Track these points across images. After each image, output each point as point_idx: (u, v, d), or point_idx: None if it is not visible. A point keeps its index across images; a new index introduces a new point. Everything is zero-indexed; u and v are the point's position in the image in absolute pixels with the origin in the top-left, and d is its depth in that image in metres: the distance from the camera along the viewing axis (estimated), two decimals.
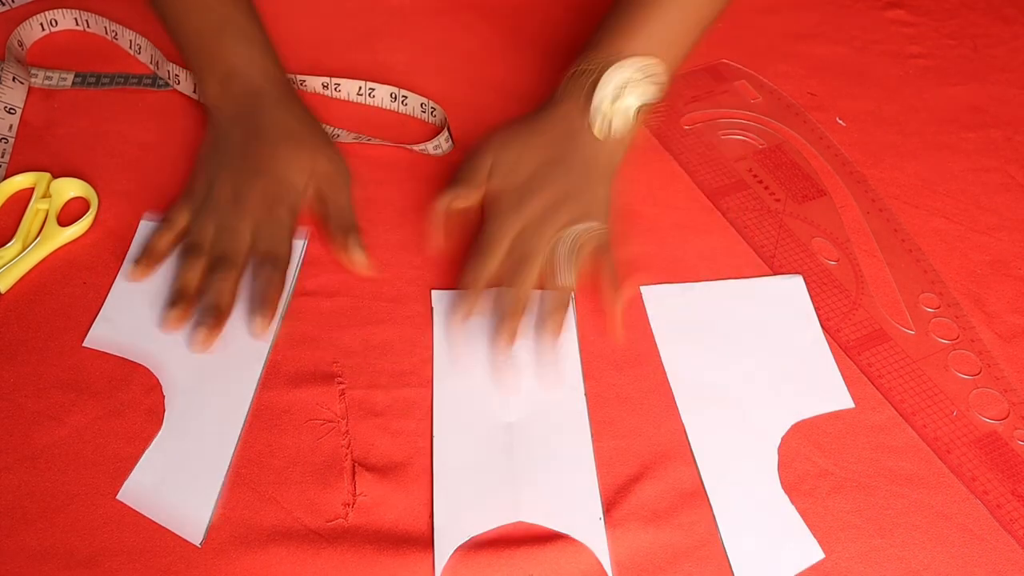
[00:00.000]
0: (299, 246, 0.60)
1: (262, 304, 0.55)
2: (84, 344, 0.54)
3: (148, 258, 0.57)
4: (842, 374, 0.57)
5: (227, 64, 0.61)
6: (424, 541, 0.48)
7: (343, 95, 0.70)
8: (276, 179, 0.58)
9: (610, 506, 0.50)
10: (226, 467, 0.50)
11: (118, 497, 0.49)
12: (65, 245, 0.60)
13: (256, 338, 0.55)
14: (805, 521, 0.50)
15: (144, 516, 0.48)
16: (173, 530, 0.48)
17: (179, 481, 0.49)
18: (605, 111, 0.58)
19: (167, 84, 0.70)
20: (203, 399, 0.53)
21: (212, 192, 0.58)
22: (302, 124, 0.61)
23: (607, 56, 0.59)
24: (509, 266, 0.55)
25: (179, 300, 0.54)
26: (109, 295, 0.57)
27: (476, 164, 0.60)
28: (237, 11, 0.63)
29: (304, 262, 0.60)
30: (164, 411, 0.52)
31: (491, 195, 0.59)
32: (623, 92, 0.58)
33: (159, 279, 0.57)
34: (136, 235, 0.60)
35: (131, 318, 0.55)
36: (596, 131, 0.59)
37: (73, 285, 0.58)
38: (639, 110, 0.59)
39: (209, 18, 0.62)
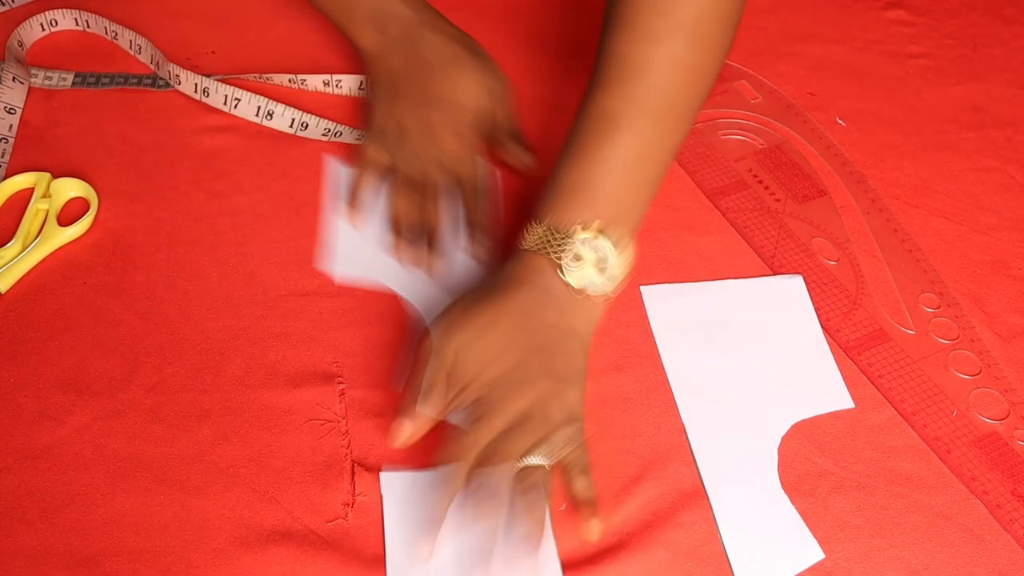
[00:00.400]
0: (490, 171, 0.65)
1: (477, 230, 0.61)
2: (336, 282, 0.59)
3: (362, 200, 0.62)
4: (842, 374, 0.57)
5: (376, 7, 0.65)
6: None
7: (344, 91, 0.71)
8: (457, 105, 0.62)
9: (611, 506, 0.50)
10: None
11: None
12: (65, 245, 0.60)
13: (477, 260, 0.60)
14: (805, 521, 0.50)
15: (144, 516, 0.48)
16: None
17: None
18: (585, 271, 0.52)
19: (167, 84, 0.70)
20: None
21: (401, 126, 0.63)
22: (462, 46, 0.65)
23: (566, 224, 0.52)
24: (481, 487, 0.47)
25: (399, 229, 0.61)
26: (335, 237, 0.61)
27: (435, 374, 0.50)
28: None
29: (303, 262, 0.60)
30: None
31: (459, 372, 0.50)
32: (599, 259, 0.52)
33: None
34: (331, 178, 0.64)
35: (366, 251, 0.61)
36: (575, 282, 0.52)
37: (73, 285, 0.58)
38: (617, 275, 0.53)
39: None
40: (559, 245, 0.52)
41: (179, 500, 0.49)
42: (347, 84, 0.70)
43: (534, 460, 0.47)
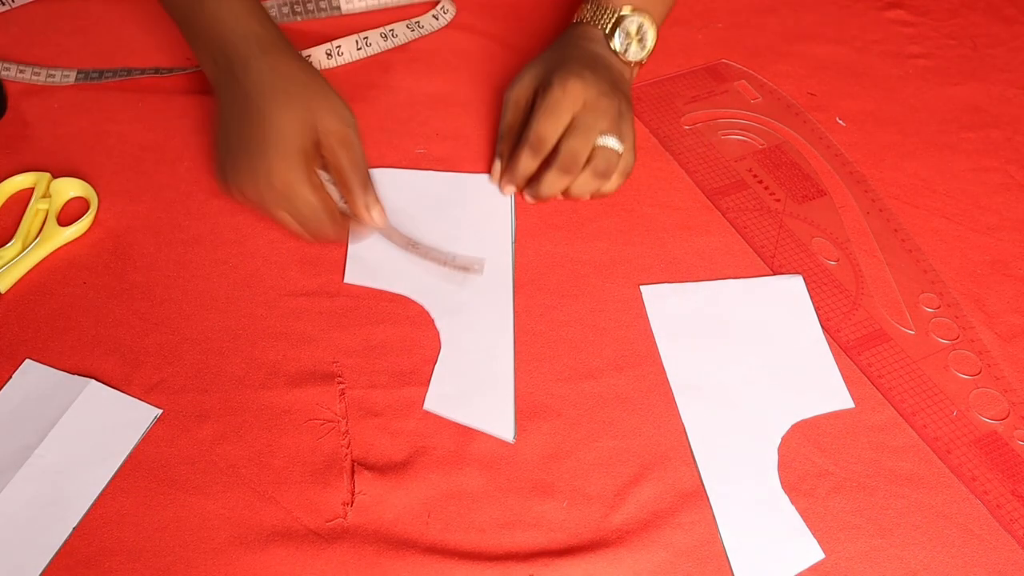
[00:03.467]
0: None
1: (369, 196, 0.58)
2: (345, 281, 0.59)
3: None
4: (842, 374, 0.57)
5: (210, 33, 0.58)
6: (423, 541, 0.48)
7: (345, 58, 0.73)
8: (279, 144, 0.54)
9: (610, 506, 0.50)
10: (512, 368, 0.55)
11: (425, 407, 0.53)
12: (65, 245, 0.60)
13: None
14: (805, 521, 0.50)
15: (144, 516, 0.48)
16: (483, 430, 0.53)
17: (474, 385, 0.55)
18: (623, 42, 0.64)
19: (171, 71, 0.70)
20: (467, 315, 0.58)
21: (230, 184, 0.57)
22: (296, 81, 0.56)
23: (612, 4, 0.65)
24: (561, 156, 0.60)
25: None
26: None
27: (520, 80, 0.64)
28: None
29: (303, 262, 0.60)
30: (438, 331, 0.57)
31: (543, 79, 0.62)
32: (638, 30, 0.65)
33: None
34: None
35: (379, 253, 0.61)
36: (620, 48, 0.64)
37: (73, 285, 0.58)
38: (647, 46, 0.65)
39: None
40: (608, 22, 0.64)
41: (179, 500, 0.49)
42: (346, 49, 0.73)
43: (611, 143, 0.60)
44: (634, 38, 0.64)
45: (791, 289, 0.61)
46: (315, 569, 0.47)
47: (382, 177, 0.66)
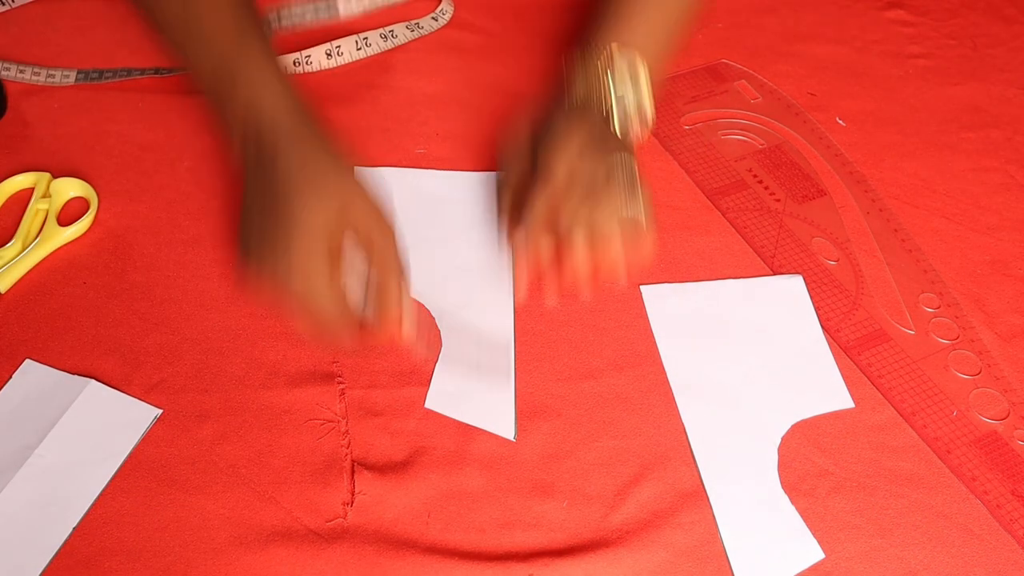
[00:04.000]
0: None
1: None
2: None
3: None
4: (842, 374, 0.57)
5: (244, 115, 0.54)
6: (423, 541, 0.48)
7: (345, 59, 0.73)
8: (304, 236, 0.50)
9: (610, 506, 0.50)
10: (512, 366, 0.56)
11: (426, 405, 0.53)
12: (65, 245, 0.60)
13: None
14: (805, 521, 0.50)
15: (144, 516, 0.48)
16: (484, 428, 0.53)
17: (475, 383, 0.55)
18: (623, 113, 0.60)
19: (171, 72, 0.70)
20: (468, 314, 0.58)
21: (253, 267, 0.52)
22: (328, 166, 0.53)
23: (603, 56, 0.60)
24: (575, 192, 0.55)
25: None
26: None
27: (517, 136, 0.61)
28: (246, 40, 0.55)
29: None
30: (439, 330, 0.57)
31: (541, 142, 0.58)
32: (630, 95, 0.60)
33: None
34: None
35: None
36: (618, 127, 0.60)
37: (73, 285, 0.58)
38: (645, 110, 0.61)
39: (222, 69, 0.55)
40: (605, 101, 0.59)
41: (179, 500, 0.49)
42: (346, 49, 0.72)
43: (632, 211, 0.55)
44: (633, 116, 0.60)
45: (791, 289, 0.61)
46: (315, 569, 0.47)
47: (382, 177, 0.66)
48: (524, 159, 0.59)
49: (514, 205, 0.58)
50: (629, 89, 0.59)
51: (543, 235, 0.55)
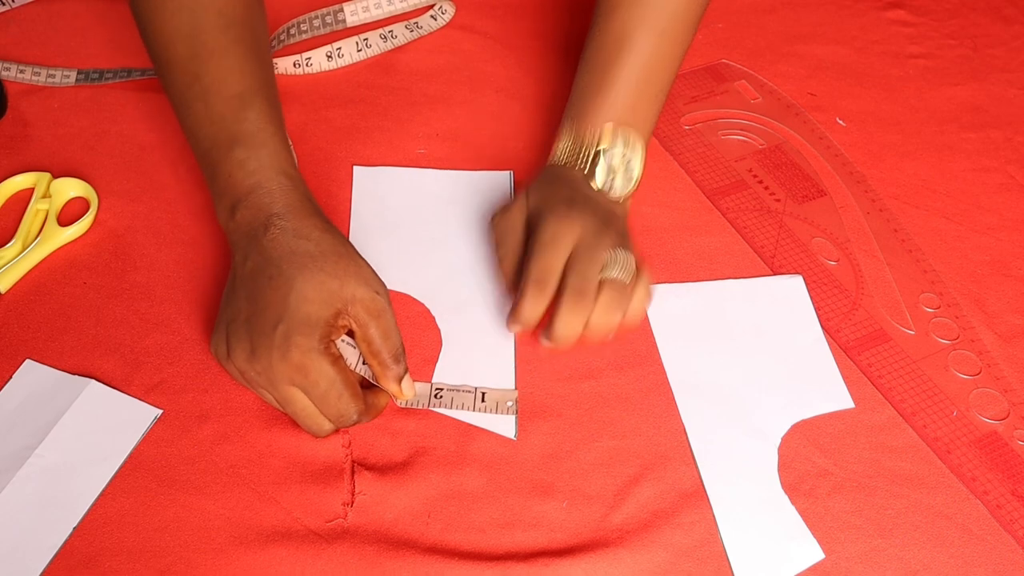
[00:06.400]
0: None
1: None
2: None
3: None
4: (842, 374, 0.57)
5: (235, 189, 0.52)
6: (423, 541, 0.48)
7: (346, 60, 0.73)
8: (298, 323, 0.48)
9: (610, 506, 0.50)
10: (513, 365, 0.56)
11: (427, 406, 0.53)
12: (65, 245, 0.60)
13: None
14: (805, 521, 0.50)
15: (144, 516, 0.48)
16: (485, 427, 0.53)
17: (476, 382, 0.55)
18: (604, 180, 0.58)
19: None
20: (469, 314, 0.58)
21: (231, 353, 0.49)
22: (322, 246, 0.50)
23: (588, 140, 0.59)
24: (570, 284, 0.52)
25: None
26: (351, 232, 0.62)
27: (510, 209, 0.58)
28: (253, 114, 0.53)
29: None
30: (439, 330, 0.57)
31: (535, 211, 0.56)
32: (622, 165, 0.59)
33: (387, 219, 0.63)
34: (359, 186, 0.64)
35: (379, 250, 0.60)
36: (600, 184, 0.58)
37: (73, 285, 0.58)
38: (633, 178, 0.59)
39: (220, 131, 0.53)
40: (586, 160, 0.59)
41: (179, 500, 0.49)
42: (346, 50, 0.73)
43: (623, 255, 0.53)
44: (619, 171, 0.58)
45: (791, 289, 0.61)
46: (315, 569, 0.47)
47: (382, 177, 0.66)
48: (517, 235, 0.57)
49: (516, 249, 0.56)
50: (609, 139, 0.58)
51: (537, 292, 0.53)
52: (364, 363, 0.51)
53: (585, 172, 0.58)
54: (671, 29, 0.60)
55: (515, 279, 0.55)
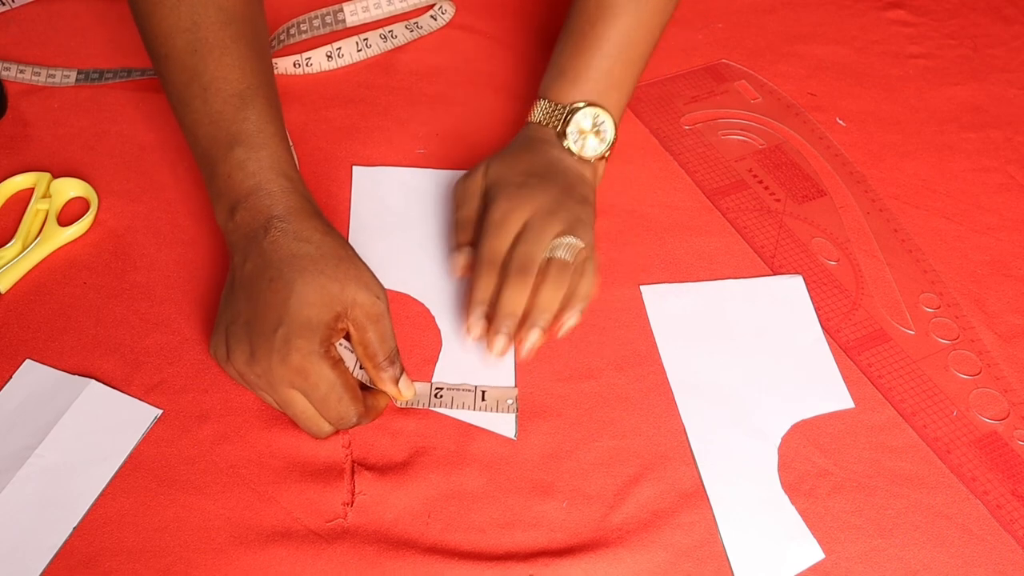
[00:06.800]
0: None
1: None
2: None
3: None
4: (842, 374, 0.57)
5: (234, 190, 0.52)
6: (423, 541, 0.48)
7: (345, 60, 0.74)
8: (299, 326, 0.47)
9: (610, 506, 0.50)
10: (513, 365, 0.56)
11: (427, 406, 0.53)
12: (65, 245, 0.60)
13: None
14: (805, 521, 0.50)
15: (144, 516, 0.48)
16: (485, 427, 0.53)
17: (476, 382, 0.55)
18: (577, 139, 0.60)
19: None
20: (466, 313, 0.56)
21: (230, 355, 0.49)
22: (322, 249, 0.50)
23: (565, 101, 0.61)
24: (514, 261, 0.54)
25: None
26: (351, 232, 0.62)
27: (470, 176, 0.60)
28: (253, 114, 0.53)
29: None
30: (439, 330, 0.57)
31: (491, 185, 0.58)
32: (595, 126, 0.60)
33: (387, 219, 0.63)
34: (358, 186, 0.65)
35: (378, 250, 0.60)
36: (575, 148, 0.60)
37: (73, 285, 0.58)
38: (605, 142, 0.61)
39: (219, 130, 0.53)
40: (560, 119, 0.60)
41: (179, 500, 0.49)
42: (346, 50, 0.73)
43: (570, 240, 0.54)
44: (590, 132, 0.59)
45: (791, 289, 0.61)
46: (315, 569, 0.47)
47: (382, 177, 0.66)
48: (474, 201, 0.59)
49: (470, 216, 0.58)
50: (584, 104, 0.60)
51: (486, 274, 0.54)
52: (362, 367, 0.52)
53: (557, 131, 0.60)
54: None
55: (467, 241, 0.57)
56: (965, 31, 0.81)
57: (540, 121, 0.61)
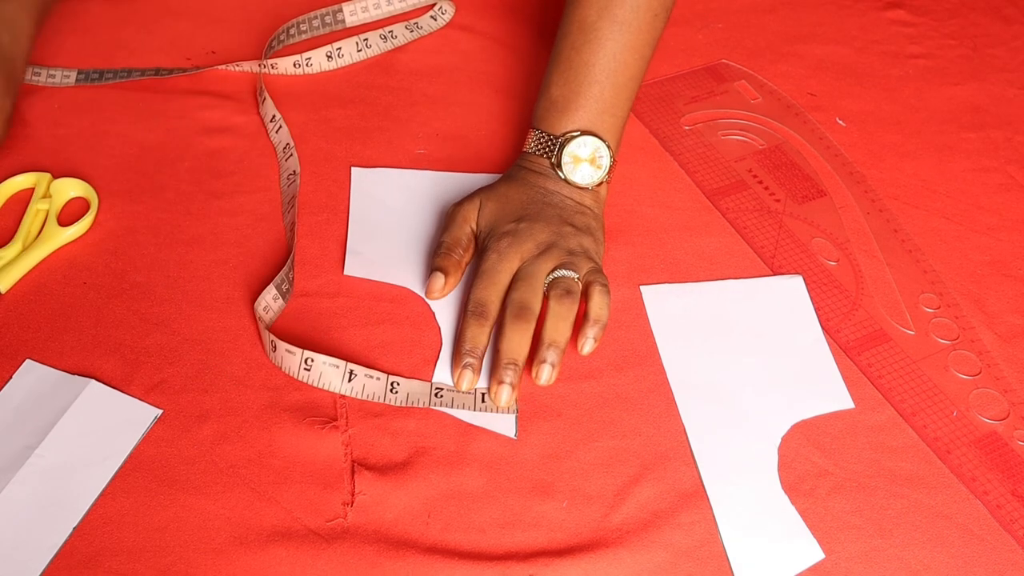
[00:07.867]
0: None
1: None
2: (344, 273, 0.59)
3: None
4: (842, 374, 0.57)
5: None
6: (423, 541, 0.48)
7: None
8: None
9: (610, 506, 0.50)
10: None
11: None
12: (65, 245, 0.60)
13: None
14: (805, 521, 0.50)
15: (144, 516, 0.48)
16: (485, 426, 0.53)
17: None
18: (572, 169, 0.60)
19: (171, 72, 0.70)
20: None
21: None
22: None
23: (558, 131, 0.60)
24: (510, 308, 0.55)
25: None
26: (350, 232, 0.62)
27: (463, 205, 0.60)
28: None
29: (302, 262, 0.60)
30: (439, 327, 0.57)
31: (483, 232, 0.59)
32: (592, 154, 0.60)
33: (386, 219, 0.63)
34: (357, 186, 0.64)
35: (377, 250, 0.61)
36: (572, 177, 0.60)
37: (73, 285, 0.58)
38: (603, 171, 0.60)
39: None
40: (553, 150, 0.60)
41: (179, 500, 0.49)
42: (346, 51, 0.73)
43: (562, 273, 0.55)
44: (584, 160, 0.59)
45: (791, 289, 0.61)
46: (315, 569, 0.47)
47: (380, 178, 0.66)
48: (460, 231, 0.59)
49: (459, 239, 0.59)
50: (587, 147, 0.60)
51: (476, 324, 0.55)
52: (350, 381, 0.53)
53: (552, 162, 0.60)
54: (635, 19, 0.61)
55: (443, 266, 0.57)
56: (965, 31, 0.81)
57: (535, 152, 0.61)
